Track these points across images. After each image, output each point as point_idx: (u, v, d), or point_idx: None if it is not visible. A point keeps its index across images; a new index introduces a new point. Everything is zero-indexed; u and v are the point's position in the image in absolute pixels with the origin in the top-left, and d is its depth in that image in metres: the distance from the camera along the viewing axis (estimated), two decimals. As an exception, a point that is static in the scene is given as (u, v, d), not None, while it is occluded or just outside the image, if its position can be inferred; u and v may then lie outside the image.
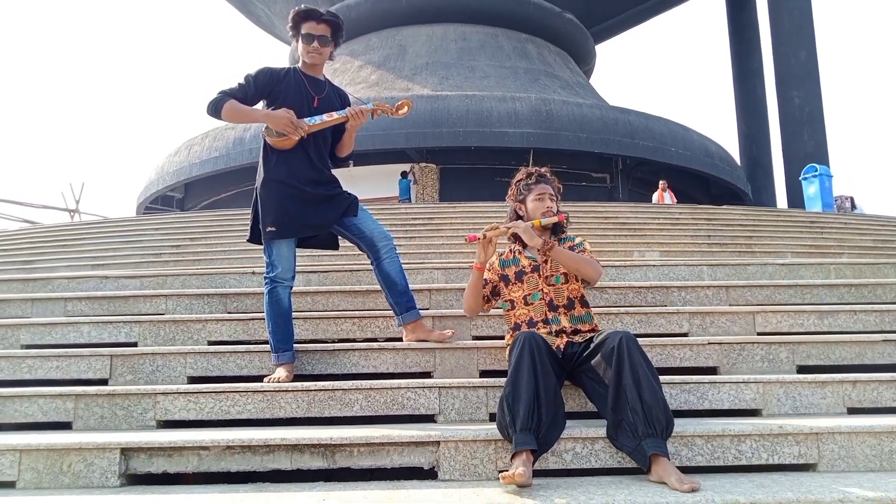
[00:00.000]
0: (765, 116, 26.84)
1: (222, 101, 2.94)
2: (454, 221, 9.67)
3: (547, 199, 2.80)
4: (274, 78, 3.04)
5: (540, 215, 2.76)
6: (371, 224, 3.10)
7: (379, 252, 3.08)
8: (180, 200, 21.22)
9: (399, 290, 3.10)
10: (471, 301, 2.87)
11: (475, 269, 2.79)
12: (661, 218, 10.24)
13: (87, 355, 3.14)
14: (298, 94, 3.03)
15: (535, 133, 17.13)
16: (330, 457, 2.25)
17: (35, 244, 9.66)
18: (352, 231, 3.09)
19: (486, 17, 22.44)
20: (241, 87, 2.99)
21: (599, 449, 2.23)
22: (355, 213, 3.08)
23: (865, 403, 2.73)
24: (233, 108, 2.94)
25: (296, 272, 3.12)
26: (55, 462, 2.22)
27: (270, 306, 3.01)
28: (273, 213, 2.97)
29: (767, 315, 3.54)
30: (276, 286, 3.00)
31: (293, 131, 2.90)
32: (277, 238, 2.98)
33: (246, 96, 2.99)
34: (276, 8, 25.82)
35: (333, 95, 3.16)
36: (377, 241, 3.07)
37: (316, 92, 3.08)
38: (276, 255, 3.00)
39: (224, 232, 9.52)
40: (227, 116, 2.95)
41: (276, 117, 2.91)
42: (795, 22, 22.80)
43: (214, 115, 2.96)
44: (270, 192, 3.00)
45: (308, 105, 3.03)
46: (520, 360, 2.25)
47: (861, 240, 9.35)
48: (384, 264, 3.08)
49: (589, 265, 2.69)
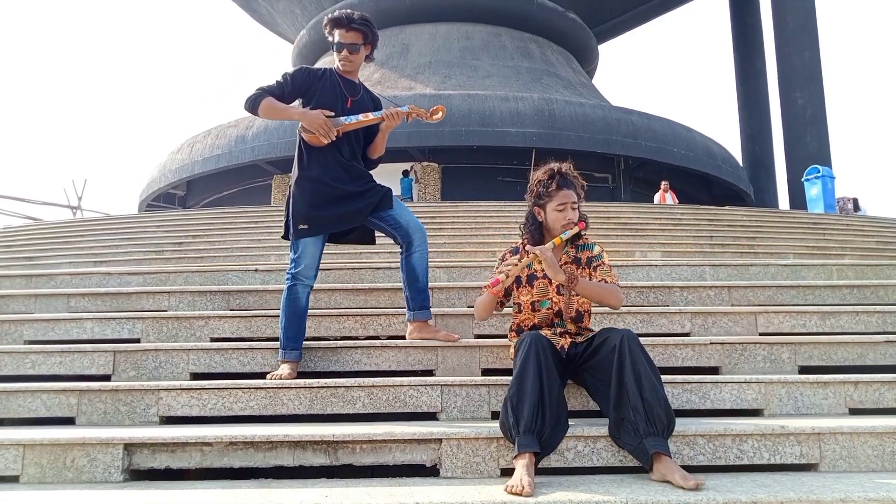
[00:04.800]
0: (767, 117, 26.81)
1: (260, 98, 2.97)
2: (456, 221, 9.68)
3: (569, 210, 2.60)
4: (311, 77, 3.08)
5: (560, 228, 2.60)
6: (407, 215, 3.13)
7: (413, 244, 3.10)
8: (182, 198, 21.25)
9: (419, 287, 3.12)
10: (484, 314, 2.75)
11: (492, 294, 2.64)
12: (663, 218, 10.24)
13: (90, 351, 3.15)
14: (333, 94, 3.08)
15: (537, 133, 17.12)
16: (332, 453, 2.26)
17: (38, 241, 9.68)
18: (387, 222, 3.11)
19: (489, 17, 22.43)
20: (279, 85, 3.04)
21: (601, 447, 2.24)
22: (390, 206, 3.11)
23: (867, 404, 2.73)
24: (270, 105, 2.97)
25: (318, 273, 3.13)
26: (59, 457, 2.23)
27: (287, 303, 3.02)
28: (305, 211, 3.01)
29: (769, 315, 3.54)
30: (296, 284, 3.02)
31: (325, 133, 2.93)
32: (308, 235, 3.01)
33: (283, 94, 3.03)
34: (279, 5, 25.83)
35: (367, 99, 3.20)
36: (412, 233, 3.10)
37: (350, 94, 3.12)
38: (303, 252, 3.02)
39: (226, 229, 9.53)
40: (265, 113, 2.99)
41: (311, 117, 2.94)
42: (799, 22, 22.75)
43: (252, 111, 3.00)
44: (304, 190, 3.03)
45: (342, 105, 3.08)
46: (525, 362, 2.24)
47: (863, 241, 9.34)
48: (414, 257, 3.10)
49: (613, 295, 2.55)
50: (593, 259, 2.66)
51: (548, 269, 2.49)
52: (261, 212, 10.99)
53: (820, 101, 22.35)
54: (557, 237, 2.57)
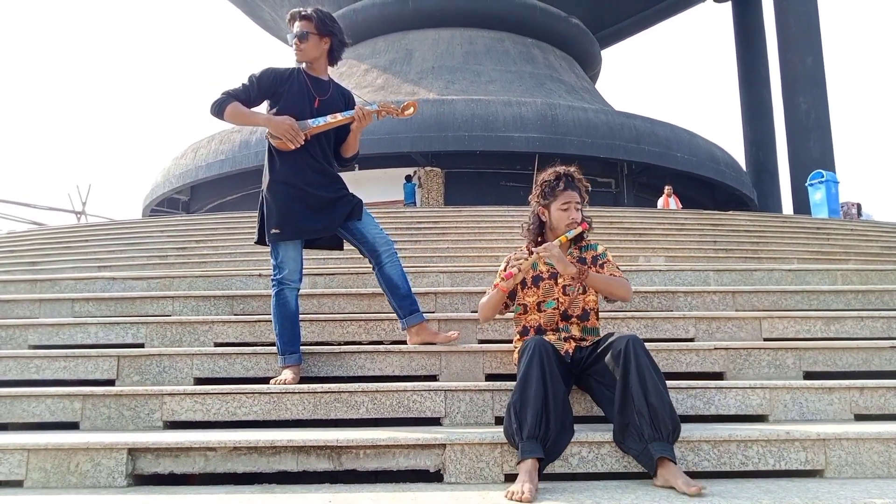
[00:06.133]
0: (771, 122, 26.78)
1: (225, 103, 2.96)
2: (459, 225, 9.67)
3: (573, 209, 2.66)
4: (277, 79, 3.05)
5: (564, 227, 2.65)
6: (373, 229, 3.10)
7: (380, 257, 3.08)
8: (186, 203, 21.29)
9: (402, 294, 3.10)
10: (489, 313, 2.76)
11: (501, 291, 2.67)
12: (666, 223, 10.22)
13: (94, 356, 3.15)
14: (300, 95, 3.04)
15: (540, 137, 17.13)
16: (336, 459, 2.26)
17: (42, 245, 9.71)
18: (354, 235, 3.10)
19: (492, 22, 22.47)
20: (244, 88, 3.01)
21: (606, 453, 2.23)
22: (359, 217, 3.08)
23: (873, 410, 2.72)
24: (236, 110, 2.96)
25: (303, 274, 3.12)
26: (63, 462, 2.23)
27: (277, 308, 3.01)
28: (278, 215, 2.98)
29: (774, 321, 3.53)
30: (283, 288, 3.01)
31: (292, 138, 2.91)
32: (282, 240, 2.99)
33: (249, 97, 3.01)
34: (283, 11, 25.87)
35: (337, 96, 3.16)
36: (378, 247, 3.08)
37: (318, 93, 3.09)
38: (283, 257, 3.01)
39: (229, 234, 9.54)
40: (230, 118, 2.98)
41: (277, 123, 2.92)
42: (802, 27, 22.75)
43: (217, 115, 2.98)
44: (276, 194, 3.01)
45: (310, 106, 3.04)
46: (529, 367, 2.24)
47: (868, 246, 9.31)
48: (385, 269, 3.09)
49: (622, 286, 2.61)
50: (598, 257, 2.70)
51: (557, 263, 2.53)
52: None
53: (823, 105, 22.33)
54: (563, 235, 2.62)
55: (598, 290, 2.64)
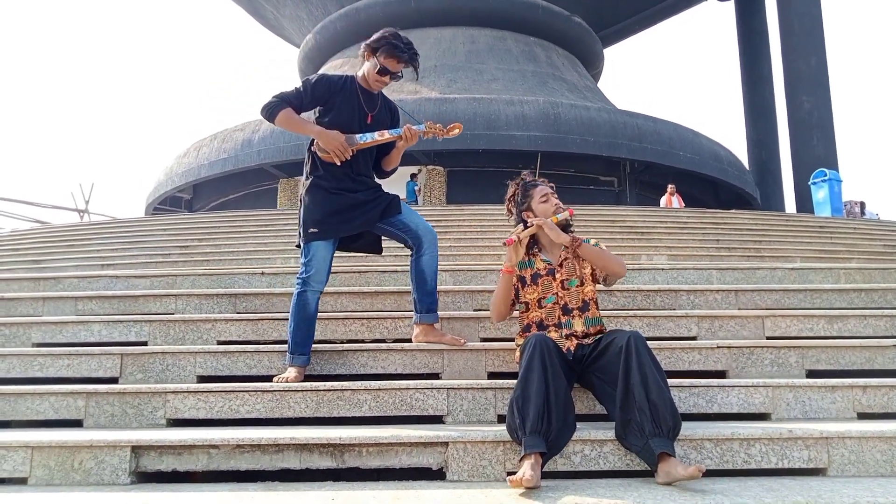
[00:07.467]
0: (774, 121, 26.74)
1: (278, 108, 2.96)
2: (461, 224, 9.68)
3: (551, 197, 2.80)
4: (331, 89, 3.05)
5: (553, 213, 2.75)
6: (416, 219, 3.14)
7: (423, 245, 3.11)
8: (189, 201, 21.33)
9: (427, 290, 3.12)
10: (501, 306, 2.78)
11: (505, 273, 2.71)
12: (668, 221, 10.21)
13: (97, 354, 3.16)
14: (352, 108, 3.05)
15: (542, 136, 17.12)
16: (339, 457, 2.26)
17: (45, 244, 9.73)
18: (397, 227, 3.12)
19: (494, 21, 22.46)
20: (297, 94, 3.01)
21: (608, 451, 2.23)
22: (399, 211, 3.12)
23: (876, 408, 2.72)
24: (288, 116, 2.97)
25: (328, 279, 3.13)
26: (66, 459, 2.24)
27: (297, 308, 3.02)
28: (316, 216, 3.01)
29: (777, 319, 3.53)
30: (306, 290, 3.01)
31: (341, 154, 2.94)
32: (319, 239, 3.01)
33: (301, 103, 3.02)
34: (286, 10, 25.94)
35: (385, 110, 3.18)
36: (423, 235, 3.11)
37: (370, 108, 3.10)
38: (314, 257, 3.02)
39: (232, 233, 9.56)
40: (281, 123, 2.99)
41: (328, 138, 2.93)
42: (805, 26, 22.71)
43: (269, 118, 2.99)
44: (316, 197, 3.04)
45: (361, 121, 3.07)
46: (530, 363, 2.25)
47: (871, 245, 9.29)
48: (423, 259, 3.11)
49: (615, 259, 2.70)
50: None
51: (551, 232, 2.66)
52: (267, 215, 11.02)
53: (826, 105, 22.29)
54: (554, 218, 2.72)
55: (591, 262, 2.71)
